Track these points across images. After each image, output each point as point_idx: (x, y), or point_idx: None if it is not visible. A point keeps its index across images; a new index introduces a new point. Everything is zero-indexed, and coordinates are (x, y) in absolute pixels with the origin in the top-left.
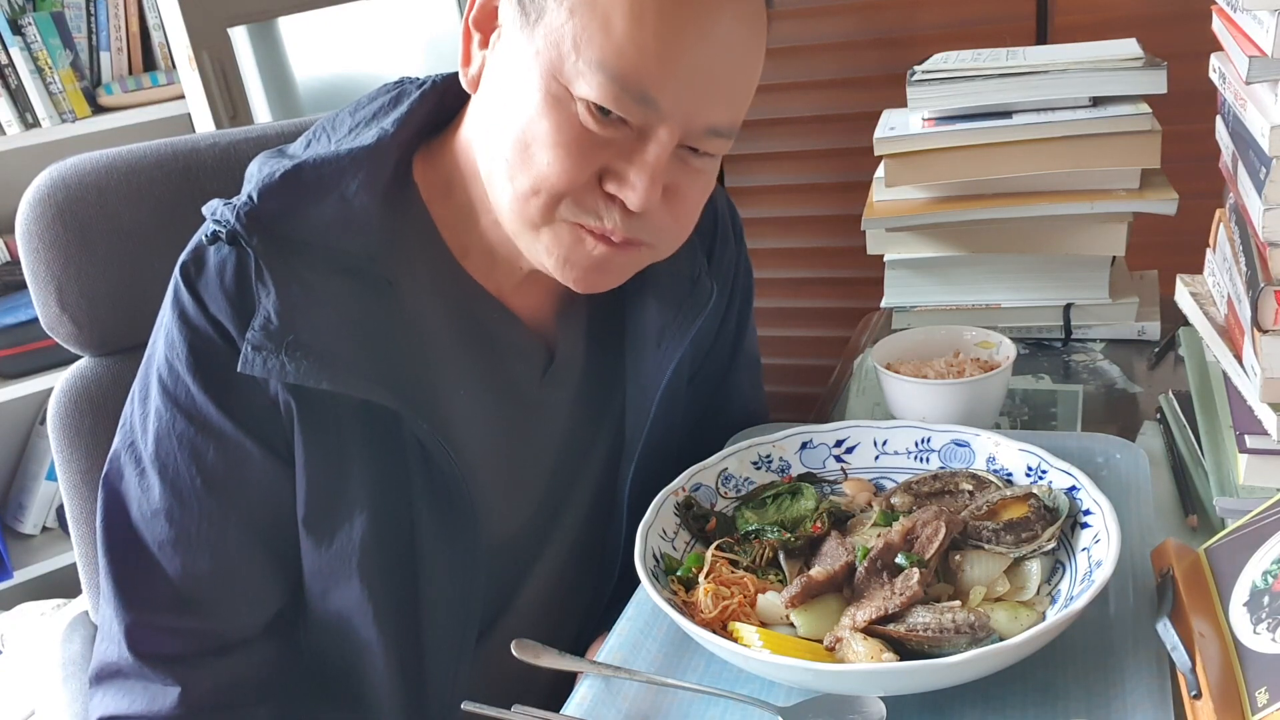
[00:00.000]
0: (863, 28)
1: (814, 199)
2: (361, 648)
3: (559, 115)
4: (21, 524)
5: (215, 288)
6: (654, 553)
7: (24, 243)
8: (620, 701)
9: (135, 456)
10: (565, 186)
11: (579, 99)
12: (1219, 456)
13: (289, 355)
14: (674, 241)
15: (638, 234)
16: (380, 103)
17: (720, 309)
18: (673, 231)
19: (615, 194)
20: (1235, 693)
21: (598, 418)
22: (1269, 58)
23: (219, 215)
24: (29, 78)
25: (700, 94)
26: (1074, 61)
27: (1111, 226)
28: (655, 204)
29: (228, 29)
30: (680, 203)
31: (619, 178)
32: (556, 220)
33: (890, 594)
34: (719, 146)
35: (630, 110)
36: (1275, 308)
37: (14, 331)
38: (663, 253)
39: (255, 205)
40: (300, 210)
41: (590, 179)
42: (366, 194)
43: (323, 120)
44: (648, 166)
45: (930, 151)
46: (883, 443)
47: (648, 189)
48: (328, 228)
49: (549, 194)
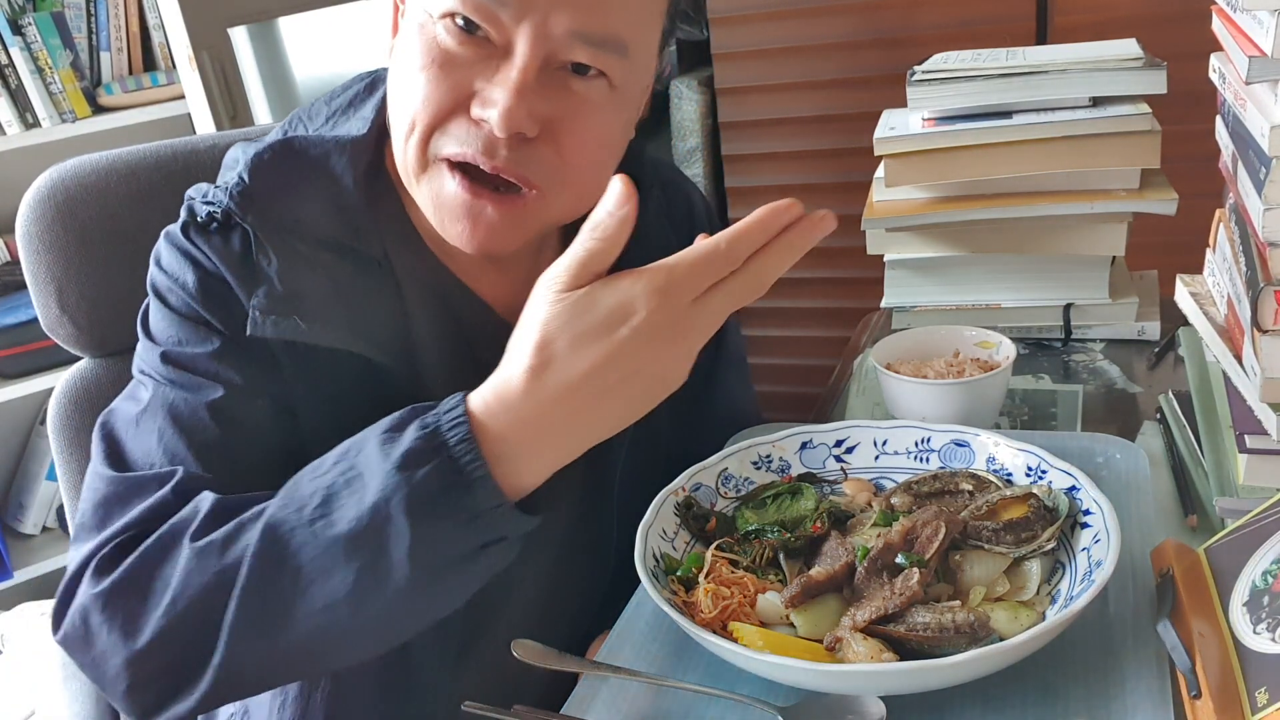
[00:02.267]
0: (863, 28)
1: (814, 199)
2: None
3: (422, 41)
4: (22, 524)
5: (221, 249)
6: (654, 553)
7: (24, 244)
8: (620, 701)
9: (137, 399)
10: (431, 113)
11: (438, 18)
12: (1219, 456)
13: (298, 315)
14: (567, 187)
15: (513, 166)
16: (355, 91)
17: None
18: (561, 173)
19: (480, 117)
20: (1235, 693)
21: None
22: (1269, 58)
23: (211, 197)
24: (29, 78)
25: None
26: (1074, 61)
27: (1111, 226)
28: (525, 125)
29: (228, 29)
30: (567, 136)
31: (483, 99)
32: (432, 161)
33: (890, 594)
34: (599, 60)
35: (481, 13)
36: (1275, 308)
37: (14, 331)
38: (556, 204)
39: (247, 184)
40: (291, 189)
41: (456, 105)
42: (348, 177)
43: (298, 111)
44: (509, 81)
45: (930, 151)
46: (883, 443)
47: (510, 105)
48: (318, 208)
49: (421, 128)
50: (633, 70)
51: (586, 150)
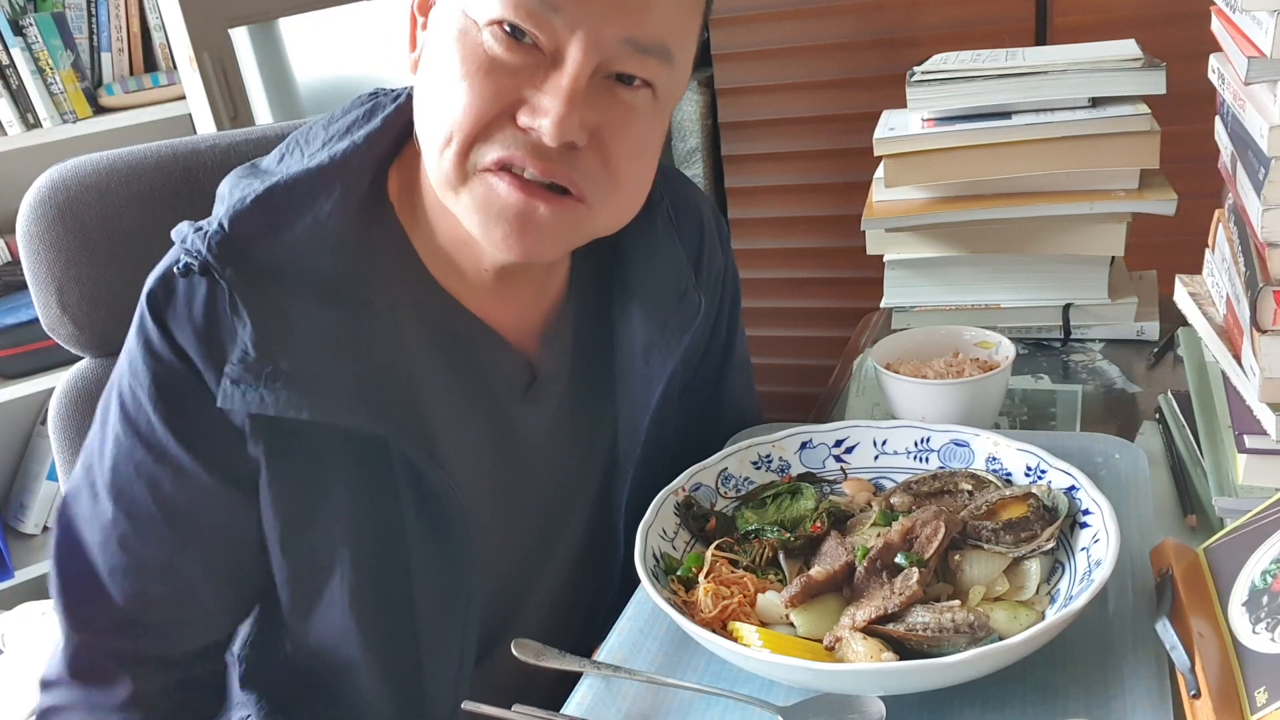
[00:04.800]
0: (863, 28)
1: (814, 199)
2: (351, 665)
3: (466, 48)
4: (22, 524)
5: (184, 319)
6: (654, 552)
7: (25, 245)
8: (620, 701)
9: (91, 482)
10: (475, 121)
11: (484, 25)
12: (1218, 456)
13: (268, 387)
14: (613, 198)
15: (560, 173)
16: (354, 115)
17: (710, 319)
18: (606, 182)
19: (529, 125)
20: (1234, 692)
21: (589, 435)
22: (1268, 58)
23: (190, 244)
24: (30, 78)
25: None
26: (1073, 62)
27: (1111, 227)
28: (576, 135)
29: (228, 29)
30: (613, 145)
31: (532, 107)
32: (472, 173)
33: (890, 594)
34: (648, 69)
35: (533, 19)
36: (1274, 308)
37: (14, 331)
38: (602, 214)
39: (227, 233)
40: (273, 234)
41: (501, 113)
42: (340, 213)
43: (296, 134)
44: (561, 89)
45: (930, 152)
46: (882, 443)
47: (562, 114)
48: (301, 250)
49: (461, 137)
50: (674, 78)
51: (632, 160)
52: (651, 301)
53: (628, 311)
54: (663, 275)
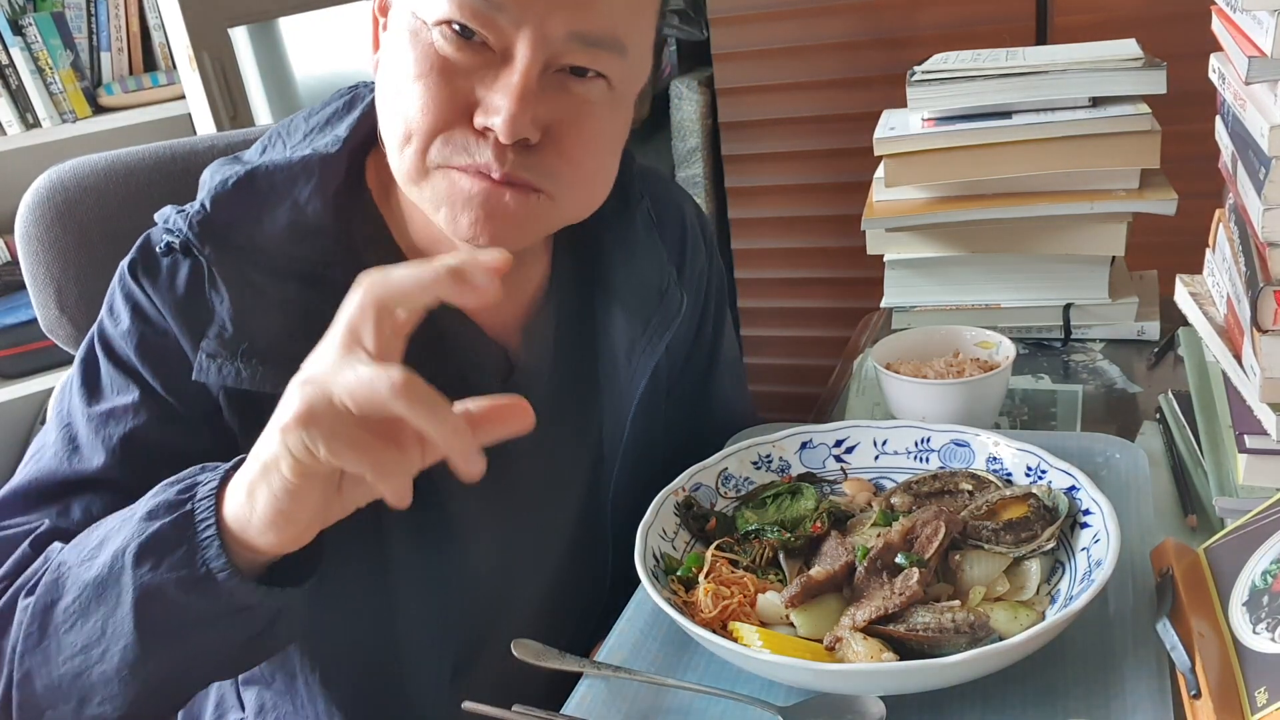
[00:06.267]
0: (863, 28)
1: (814, 199)
2: (328, 663)
3: (418, 49)
4: None
5: (166, 292)
6: (654, 553)
7: (23, 245)
8: (620, 701)
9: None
10: (430, 122)
11: (433, 25)
12: (1218, 456)
13: (244, 361)
14: (574, 190)
15: (521, 173)
16: (334, 108)
17: (695, 318)
18: (567, 176)
19: (484, 126)
20: (1235, 692)
21: (575, 430)
22: (1268, 58)
23: (172, 224)
24: (29, 78)
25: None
26: (1074, 62)
27: (1111, 226)
28: (529, 131)
29: (228, 29)
30: (569, 138)
31: (485, 106)
32: (433, 168)
33: (890, 594)
34: (599, 61)
35: (479, 19)
36: (1275, 308)
37: (14, 331)
38: (567, 206)
39: (208, 213)
40: (253, 217)
41: (456, 114)
42: (319, 200)
43: (278, 126)
44: (512, 87)
45: (930, 151)
46: (882, 443)
47: (514, 111)
48: (280, 234)
49: (419, 136)
50: (630, 69)
51: (589, 151)
52: (633, 299)
53: (609, 309)
54: (644, 273)
